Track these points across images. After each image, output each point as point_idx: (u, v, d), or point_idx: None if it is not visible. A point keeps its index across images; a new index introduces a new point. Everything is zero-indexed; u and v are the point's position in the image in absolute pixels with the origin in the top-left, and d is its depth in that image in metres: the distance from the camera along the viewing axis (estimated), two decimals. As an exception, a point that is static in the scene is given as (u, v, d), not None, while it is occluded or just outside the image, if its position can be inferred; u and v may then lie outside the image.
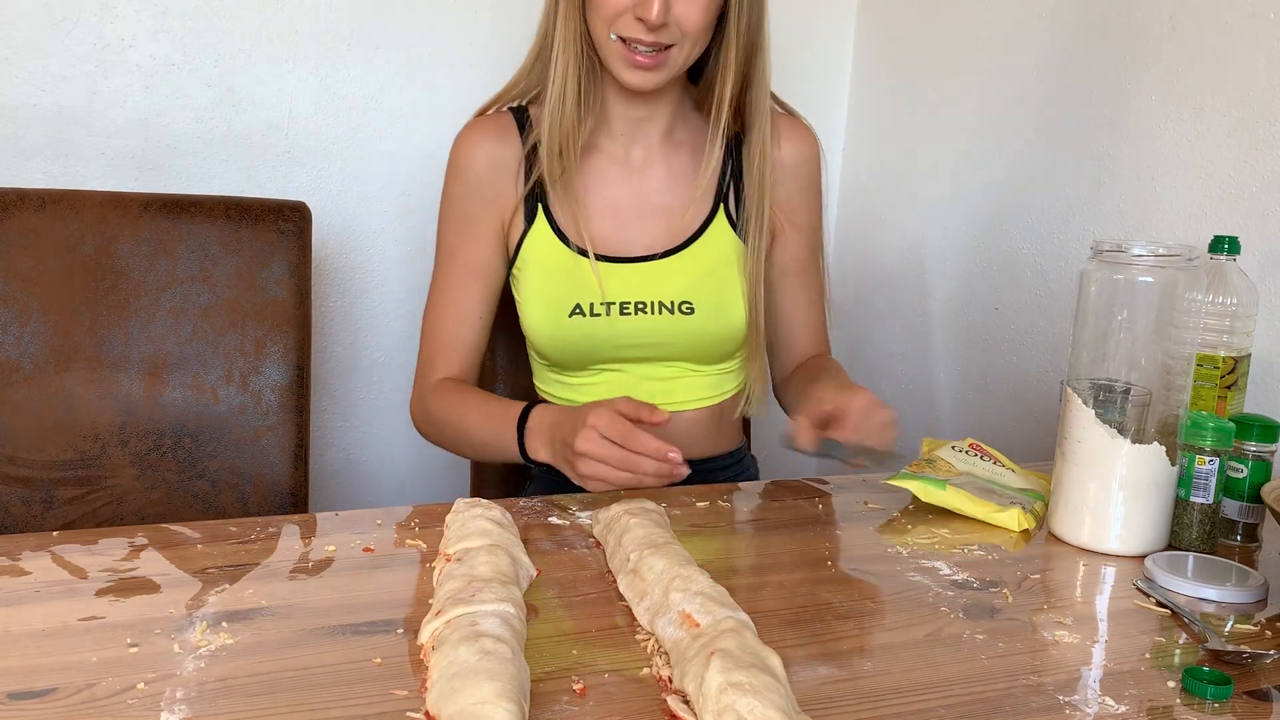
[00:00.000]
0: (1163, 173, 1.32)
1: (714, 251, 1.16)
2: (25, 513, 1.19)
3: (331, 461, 1.69)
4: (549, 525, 0.95)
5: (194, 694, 0.61)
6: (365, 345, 1.67)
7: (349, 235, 1.63)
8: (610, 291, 1.13)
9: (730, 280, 1.15)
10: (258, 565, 0.83)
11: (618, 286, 1.13)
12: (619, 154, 1.17)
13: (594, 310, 1.13)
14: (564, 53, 1.09)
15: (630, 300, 1.13)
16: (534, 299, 1.15)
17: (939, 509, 1.02)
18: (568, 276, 1.14)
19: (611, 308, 1.13)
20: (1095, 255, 0.96)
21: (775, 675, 0.60)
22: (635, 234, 1.16)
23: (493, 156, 1.16)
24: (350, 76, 1.58)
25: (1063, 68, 1.47)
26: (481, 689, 0.57)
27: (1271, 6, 1.19)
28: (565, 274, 1.14)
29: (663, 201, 1.16)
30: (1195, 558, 0.91)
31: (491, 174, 1.16)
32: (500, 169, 1.16)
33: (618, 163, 1.17)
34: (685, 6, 1.03)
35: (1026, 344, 1.55)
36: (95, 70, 1.46)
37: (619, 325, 1.14)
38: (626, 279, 1.14)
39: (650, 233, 1.16)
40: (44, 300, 1.20)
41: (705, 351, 1.18)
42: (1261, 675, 0.71)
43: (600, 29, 1.05)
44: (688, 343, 1.16)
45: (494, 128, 1.17)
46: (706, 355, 1.19)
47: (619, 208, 1.16)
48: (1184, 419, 0.96)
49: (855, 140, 1.93)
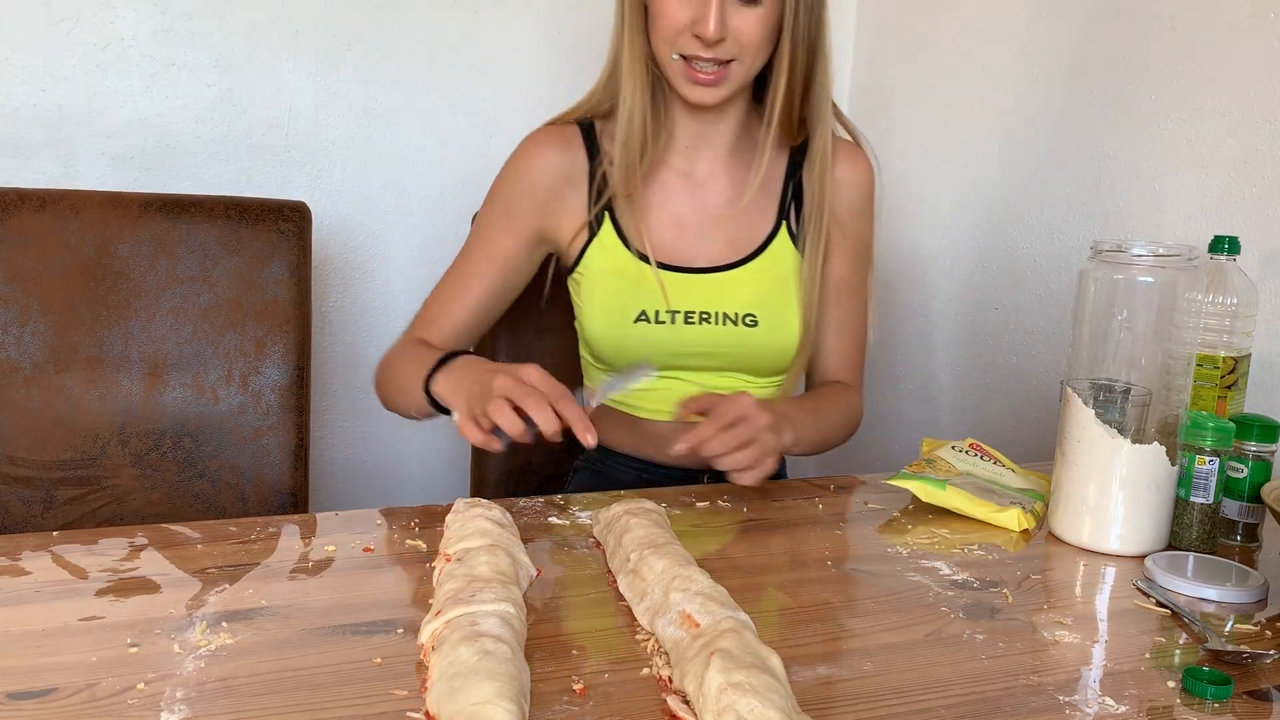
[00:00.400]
0: (1163, 173, 1.32)
1: (776, 265, 1.17)
2: (25, 513, 1.19)
3: (331, 461, 1.69)
4: (549, 525, 0.95)
5: (194, 694, 0.61)
6: (365, 345, 1.67)
7: (349, 235, 1.63)
8: (675, 300, 1.15)
9: (790, 295, 1.17)
10: (258, 565, 0.83)
11: (682, 296, 1.15)
12: (684, 168, 1.19)
13: (659, 318, 1.14)
14: (631, 75, 1.12)
15: (695, 310, 1.15)
16: (598, 304, 1.16)
17: (939, 509, 1.02)
18: (634, 283, 1.15)
19: (676, 316, 1.15)
20: (1095, 255, 0.96)
21: (775, 675, 0.60)
22: (698, 246, 1.17)
23: (556, 164, 1.17)
24: (350, 76, 1.58)
25: (1063, 68, 1.47)
26: (481, 689, 0.57)
27: (1271, 6, 1.19)
28: (632, 281, 1.15)
29: (726, 215, 1.18)
30: (1195, 558, 0.91)
31: (550, 180, 1.17)
32: (562, 177, 1.17)
33: (682, 176, 1.19)
34: (742, 21, 1.05)
35: (1026, 344, 1.55)
36: (95, 70, 1.46)
37: (683, 334, 1.15)
38: (690, 289, 1.15)
39: (713, 245, 1.17)
40: (44, 300, 1.20)
41: (763, 364, 1.19)
42: (1261, 675, 0.71)
43: (663, 50, 1.08)
44: (748, 354, 1.17)
45: (561, 138, 1.18)
46: (764, 368, 1.20)
47: (683, 220, 1.18)
48: (1184, 419, 0.96)
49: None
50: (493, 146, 1.65)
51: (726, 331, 1.15)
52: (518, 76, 1.66)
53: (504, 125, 1.66)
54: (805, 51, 1.11)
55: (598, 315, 1.16)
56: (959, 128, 1.67)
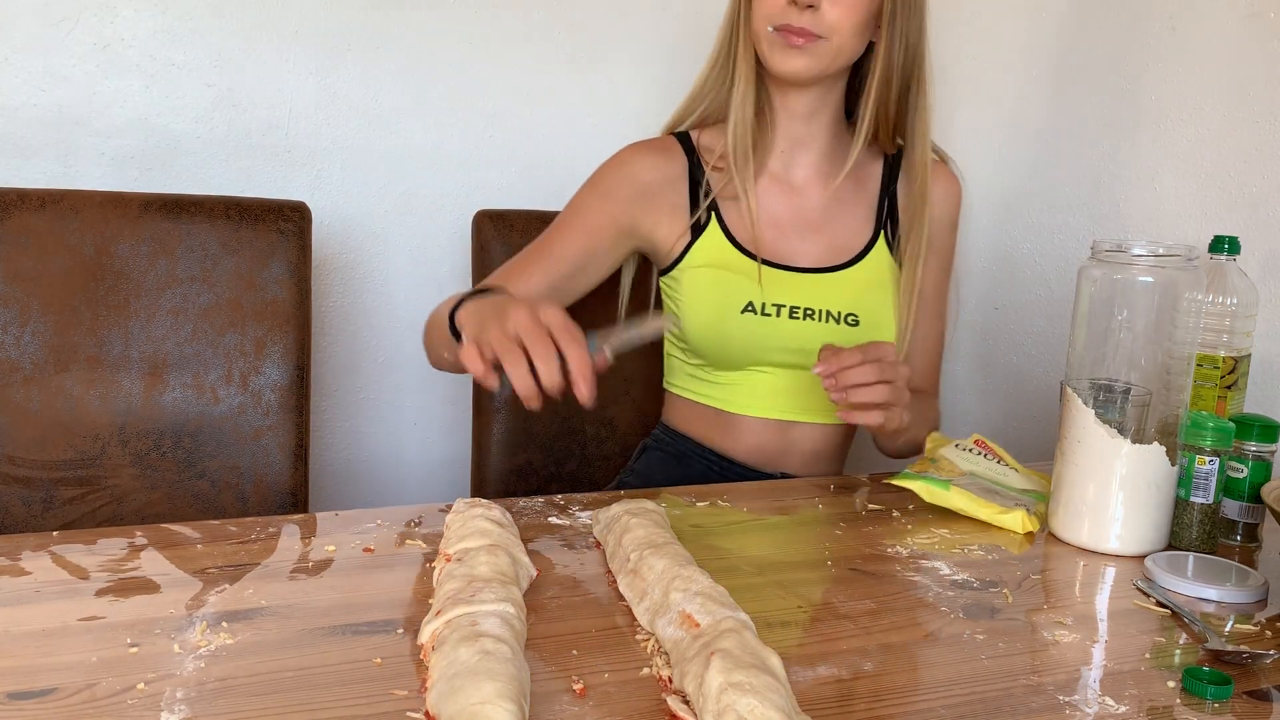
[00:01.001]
0: (1163, 173, 1.32)
1: (875, 272, 1.21)
2: (25, 513, 1.19)
3: (331, 461, 1.69)
4: (549, 525, 0.95)
5: (194, 694, 0.61)
6: (365, 345, 1.67)
7: (349, 235, 1.63)
8: (779, 295, 1.17)
9: (888, 301, 1.21)
10: (258, 565, 0.83)
11: (786, 292, 1.17)
12: (780, 173, 1.22)
13: (765, 310, 1.16)
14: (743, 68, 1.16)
15: (800, 305, 1.17)
16: (704, 294, 1.18)
17: (939, 509, 1.02)
18: (742, 275, 1.17)
19: (781, 310, 1.17)
20: (1095, 255, 0.96)
21: (775, 675, 0.60)
22: (799, 247, 1.20)
23: (656, 164, 1.21)
24: (350, 76, 1.58)
25: (1063, 68, 1.47)
26: (481, 689, 0.57)
27: (1271, 6, 1.19)
28: (740, 272, 1.17)
29: (820, 220, 1.22)
30: (1195, 558, 0.91)
31: (652, 178, 1.20)
32: (663, 178, 1.20)
33: (779, 181, 1.22)
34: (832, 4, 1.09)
35: (1026, 344, 1.55)
36: (95, 70, 1.46)
37: (786, 327, 1.17)
38: (794, 286, 1.18)
39: (810, 248, 1.21)
40: (44, 300, 1.20)
41: None
42: (1261, 675, 0.72)
43: (760, 26, 1.11)
44: None
45: (661, 145, 1.23)
46: None
47: (780, 222, 1.21)
48: (1184, 419, 0.96)
49: (855, 140, 1.93)
50: (493, 146, 1.65)
51: (828, 329, 1.17)
52: (518, 76, 1.66)
53: (504, 125, 1.66)
54: (903, 55, 1.15)
55: (702, 307, 1.18)
56: (958, 128, 1.67)
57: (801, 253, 1.20)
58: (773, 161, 1.22)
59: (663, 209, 1.20)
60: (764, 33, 1.11)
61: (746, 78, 1.17)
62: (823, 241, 1.21)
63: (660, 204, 1.20)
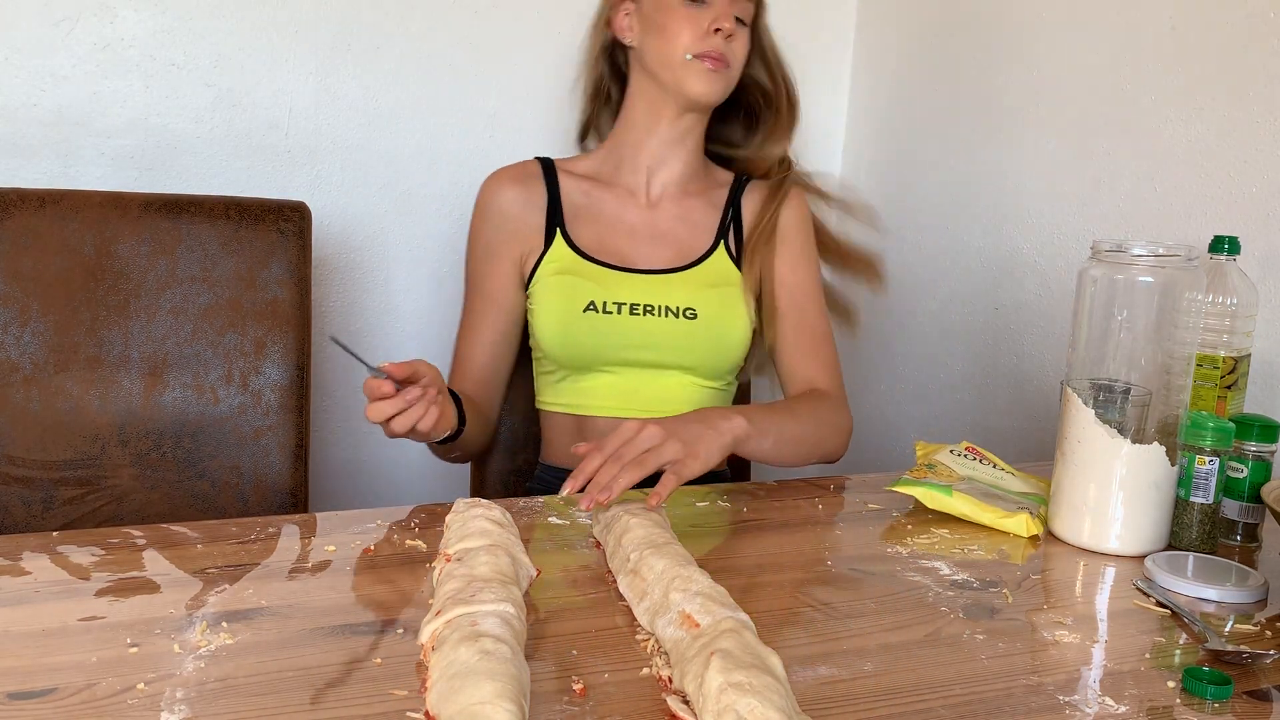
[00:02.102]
0: (1163, 173, 1.32)
1: (714, 274, 1.28)
2: (25, 513, 1.19)
3: (331, 461, 1.69)
4: (549, 525, 0.95)
5: (194, 694, 0.61)
6: (365, 345, 1.67)
7: (349, 235, 1.63)
8: (621, 293, 1.24)
9: (733, 300, 1.27)
10: (258, 565, 0.83)
11: (628, 291, 1.24)
12: (637, 188, 1.31)
13: (606, 308, 1.23)
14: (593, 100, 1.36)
15: (640, 302, 1.24)
16: (550, 300, 1.25)
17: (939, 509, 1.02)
18: (585, 278, 1.25)
19: (623, 307, 1.23)
20: (1095, 255, 0.96)
21: (775, 675, 0.60)
22: (646, 252, 1.28)
23: (516, 194, 1.29)
24: (350, 76, 1.58)
25: (1062, 67, 1.47)
26: (481, 689, 0.57)
27: (1271, 6, 1.19)
28: (582, 276, 1.25)
29: (675, 230, 1.30)
30: (1195, 558, 0.91)
31: (514, 208, 1.29)
32: (524, 203, 1.29)
33: (638, 194, 1.31)
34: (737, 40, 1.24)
35: (1026, 344, 1.55)
36: (95, 70, 1.46)
37: (628, 323, 1.23)
38: (636, 285, 1.25)
39: (656, 253, 1.28)
40: (44, 300, 1.20)
41: (705, 359, 1.26)
42: (1261, 675, 0.72)
43: (673, 54, 1.22)
44: (690, 347, 1.25)
45: (520, 172, 1.32)
46: (707, 365, 1.27)
47: (634, 230, 1.29)
48: (1184, 419, 0.96)
49: (855, 141, 1.93)
50: (493, 146, 1.65)
51: (668, 323, 1.24)
52: (518, 76, 1.66)
53: (504, 125, 1.66)
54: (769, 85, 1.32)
55: (549, 311, 1.25)
56: (958, 128, 1.67)
57: (646, 256, 1.28)
58: (633, 179, 1.31)
59: (523, 231, 1.28)
60: (681, 61, 1.21)
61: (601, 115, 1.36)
62: (669, 248, 1.29)
63: (521, 228, 1.28)
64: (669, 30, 1.22)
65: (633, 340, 1.23)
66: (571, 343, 1.24)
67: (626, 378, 1.26)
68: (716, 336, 1.25)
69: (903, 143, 1.80)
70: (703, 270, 1.28)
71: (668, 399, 1.26)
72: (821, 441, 1.20)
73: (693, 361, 1.26)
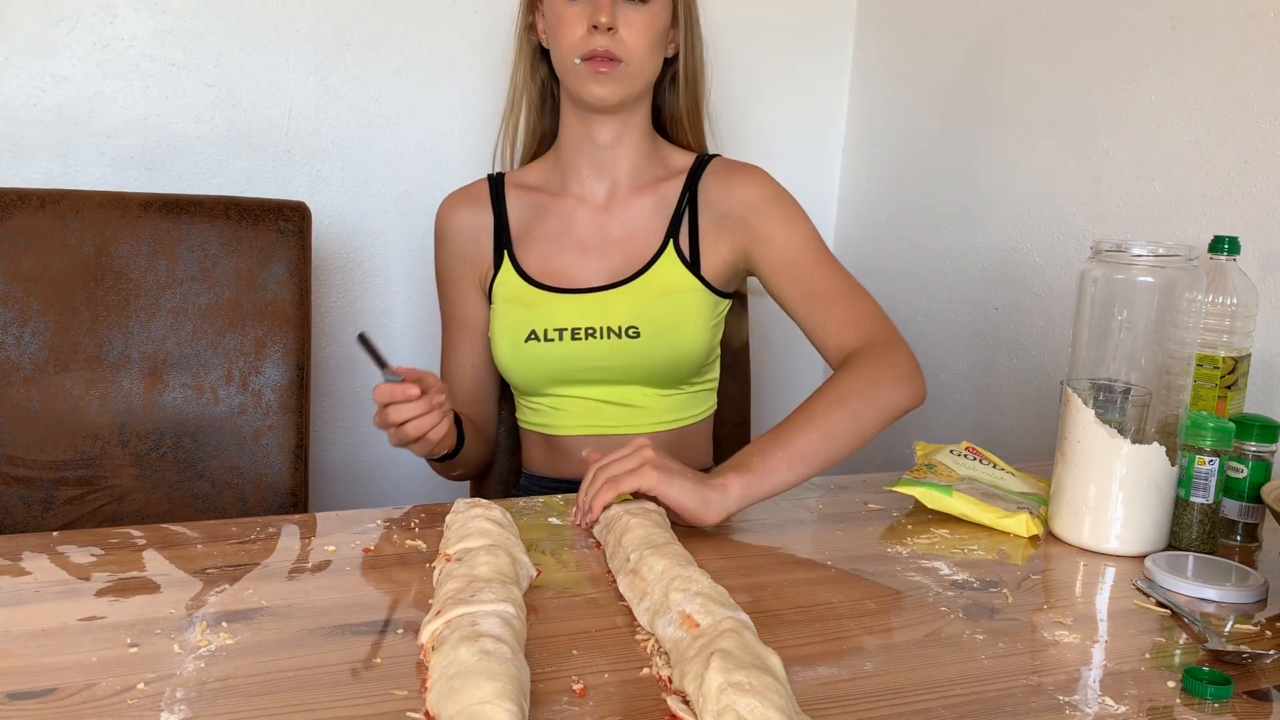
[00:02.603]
0: (1163, 173, 1.32)
1: (661, 278, 1.21)
2: (25, 513, 1.19)
3: (331, 461, 1.69)
4: (549, 525, 0.95)
5: (194, 694, 0.61)
6: (365, 345, 1.67)
7: (349, 235, 1.63)
8: (562, 319, 1.20)
9: (681, 308, 1.20)
10: (258, 565, 0.83)
11: (569, 314, 1.20)
12: (585, 194, 1.26)
13: (547, 335, 1.20)
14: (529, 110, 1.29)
15: (581, 326, 1.20)
16: (498, 330, 1.23)
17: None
18: (526, 306, 1.22)
19: (564, 333, 1.20)
20: (1095, 255, 0.96)
21: (775, 675, 0.60)
22: (592, 267, 1.23)
23: (466, 221, 1.27)
24: (350, 76, 1.58)
25: (1062, 67, 1.47)
26: (481, 689, 0.57)
27: (1271, 6, 1.19)
28: (524, 304, 1.22)
29: (622, 237, 1.24)
30: (1195, 558, 0.91)
31: (466, 236, 1.27)
32: (474, 230, 1.27)
33: (585, 203, 1.26)
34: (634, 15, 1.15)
35: (1026, 344, 1.55)
36: (95, 70, 1.46)
37: (571, 349, 1.20)
38: (575, 308, 1.21)
39: (608, 266, 1.23)
40: (44, 300, 1.20)
41: (657, 374, 1.22)
42: (1261, 675, 0.71)
43: (566, 61, 1.16)
44: (638, 365, 1.21)
45: (469, 195, 1.29)
46: (657, 377, 1.22)
47: (582, 242, 1.24)
48: (1184, 419, 0.96)
49: (855, 142, 1.93)
50: (492, 146, 1.65)
51: (610, 344, 1.19)
52: (518, 76, 1.66)
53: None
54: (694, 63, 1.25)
55: (498, 342, 1.23)
56: (958, 128, 1.67)
57: (590, 272, 1.23)
58: (577, 186, 1.26)
59: (475, 255, 1.26)
60: (572, 66, 1.16)
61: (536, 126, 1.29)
62: (617, 256, 1.23)
63: (473, 251, 1.26)
64: (558, 35, 1.16)
65: (578, 364, 1.20)
66: (521, 372, 1.22)
67: (585, 395, 1.22)
68: (664, 350, 1.20)
69: (903, 143, 1.80)
70: (647, 280, 1.21)
71: (633, 409, 1.23)
72: (870, 408, 1.03)
73: (644, 377, 1.22)
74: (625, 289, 1.21)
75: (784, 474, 0.97)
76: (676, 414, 1.25)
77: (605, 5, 1.13)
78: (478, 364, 1.28)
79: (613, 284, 1.22)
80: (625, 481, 0.91)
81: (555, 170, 1.27)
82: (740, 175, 1.24)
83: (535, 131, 1.30)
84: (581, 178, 1.25)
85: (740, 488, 0.94)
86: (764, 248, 1.20)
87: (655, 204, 1.25)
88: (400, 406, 1.01)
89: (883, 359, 1.07)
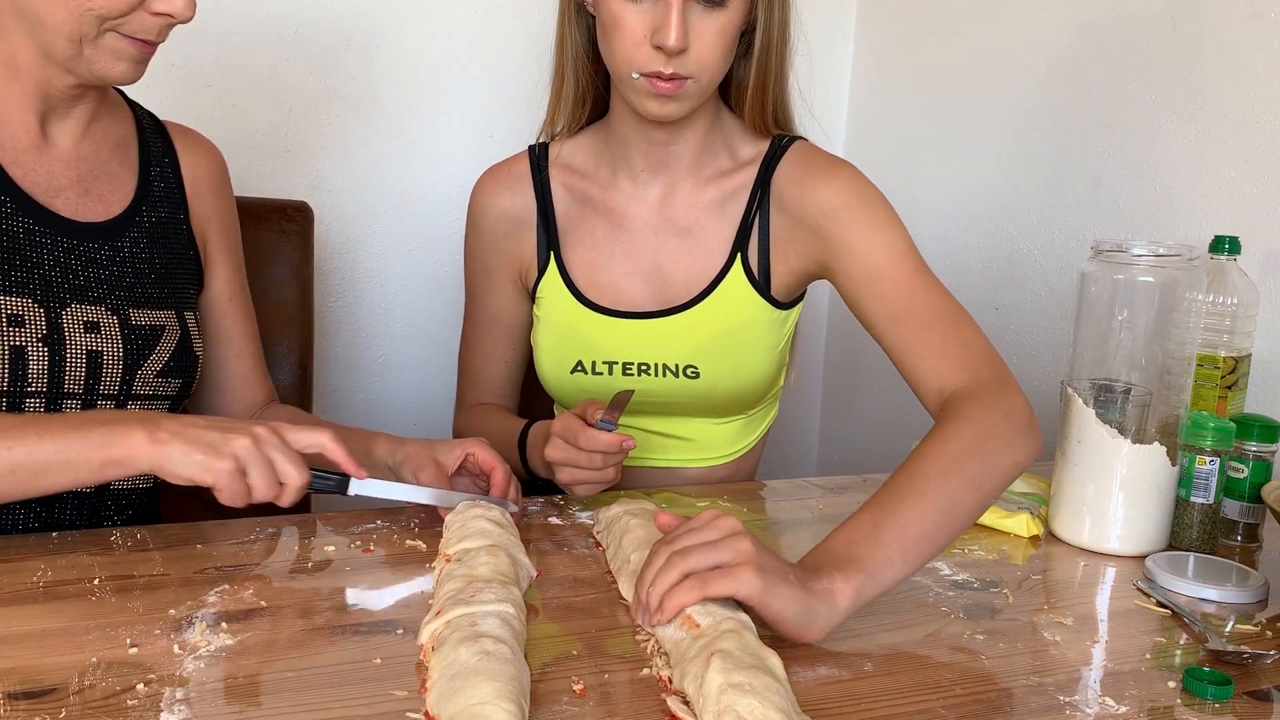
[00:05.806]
0: (1163, 173, 1.32)
1: (724, 309, 1.08)
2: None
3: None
4: (549, 525, 0.95)
5: (194, 694, 0.61)
6: (366, 345, 1.67)
7: (349, 235, 1.63)
8: (612, 350, 1.09)
9: (748, 343, 1.08)
10: (258, 565, 0.83)
11: (619, 345, 1.09)
12: (638, 191, 1.11)
13: (595, 369, 1.10)
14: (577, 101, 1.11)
15: (633, 361, 1.09)
16: (542, 350, 1.14)
17: (939, 509, 1.02)
18: (573, 331, 1.11)
19: (614, 367, 1.09)
20: (1095, 255, 0.96)
21: (775, 675, 0.60)
22: (648, 287, 1.11)
23: (506, 209, 1.15)
24: (350, 76, 1.58)
25: (1063, 67, 1.47)
26: (481, 689, 0.57)
27: (1271, 6, 1.19)
28: (570, 328, 1.11)
29: (681, 248, 1.10)
30: (1195, 558, 0.91)
31: (506, 227, 1.15)
32: (515, 221, 1.15)
33: (638, 201, 1.11)
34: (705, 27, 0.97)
35: (1026, 344, 1.55)
36: (95, 70, 1.46)
37: (621, 385, 1.08)
38: (629, 336, 1.09)
39: (664, 285, 1.11)
40: (44, 300, 1.19)
41: (714, 409, 1.12)
42: (1261, 675, 0.71)
43: (621, 68, 0.99)
44: (695, 403, 1.11)
45: (510, 176, 1.16)
46: (716, 411, 1.13)
47: (637, 254, 1.11)
48: (1184, 419, 0.96)
49: (855, 140, 1.93)
50: (492, 146, 1.65)
51: (666, 382, 1.09)
52: (517, 75, 1.66)
53: (504, 124, 1.66)
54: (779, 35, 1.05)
55: (543, 360, 1.14)
56: (959, 127, 1.67)
57: (641, 294, 1.10)
58: (628, 181, 1.11)
59: (517, 251, 1.15)
60: (628, 78, 0.99)
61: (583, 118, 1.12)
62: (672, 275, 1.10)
63: (515, 247, 1.15)
64: (612, 37, 0.98)
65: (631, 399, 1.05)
66: (566, 397, 1.14)
67: (633, 425, 1.11)
68: (727, 387, 1.09)
69: (903, 142, 1.80)
70: (709, 309, 1.08)
71: (688, 442, 1.14)
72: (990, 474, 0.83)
73: (700, 411, 1.12)
74: (684, 317, 1.08)
75: (899, 569, 0.75)
76: (734, 444, 1.16)
77: (674, 22, 0.93)
78: (511, 358, 1.19)
79: (670, 309, 1.09)
80: (717, 584, 0.68)
81: (605, 152, 1.12)
82: (819, 174, 1.06)
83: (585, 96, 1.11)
84: (634, 170, 1.10)
85: (850, 597, 0.71)
86: (843, 260, 1.03)
87: (720, 203, 1.10)
88: (590, 473, 0.96)
89: (998, 407, 0.87)
